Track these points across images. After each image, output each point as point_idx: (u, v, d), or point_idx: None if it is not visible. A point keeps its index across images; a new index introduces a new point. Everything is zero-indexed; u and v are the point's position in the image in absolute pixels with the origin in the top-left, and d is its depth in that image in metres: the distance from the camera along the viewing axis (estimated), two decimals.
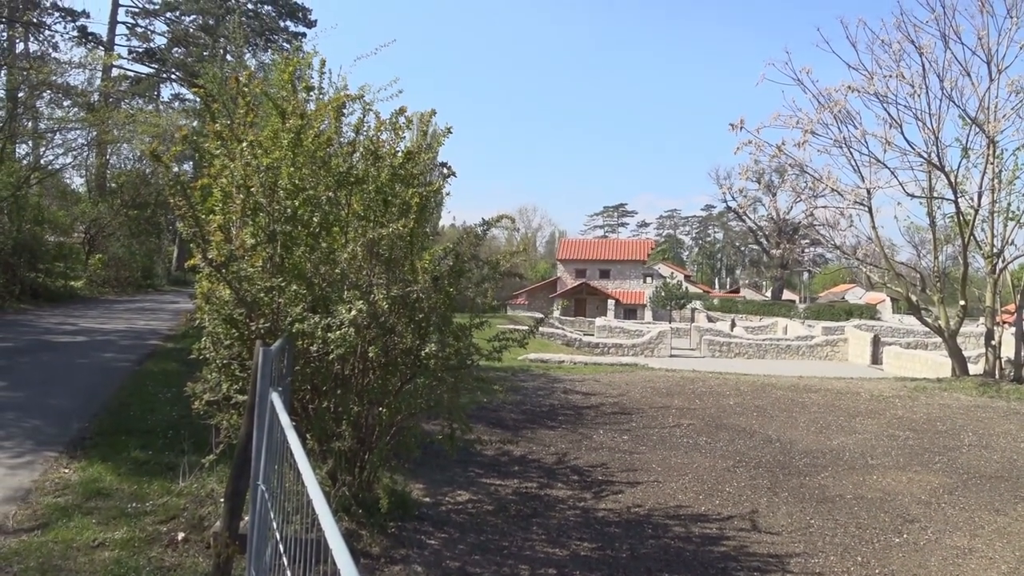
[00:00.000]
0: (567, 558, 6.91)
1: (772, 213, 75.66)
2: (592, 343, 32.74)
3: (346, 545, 2.05)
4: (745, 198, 67.23)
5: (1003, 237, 21.06)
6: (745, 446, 11.76)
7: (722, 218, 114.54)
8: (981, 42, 19.91)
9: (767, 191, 70.54)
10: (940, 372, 23.23)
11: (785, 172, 23.57)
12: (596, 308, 65.76)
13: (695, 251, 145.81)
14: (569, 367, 21.10)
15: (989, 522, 8.55)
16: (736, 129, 21.40)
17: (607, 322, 43.52)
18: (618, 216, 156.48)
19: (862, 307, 68.31)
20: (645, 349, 31.91)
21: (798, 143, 21.40)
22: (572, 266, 72.04)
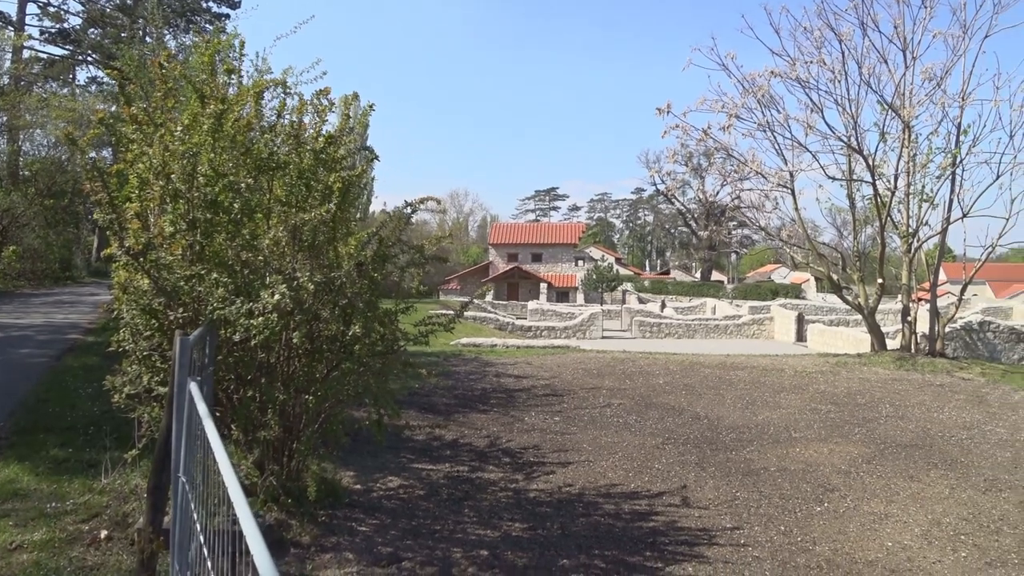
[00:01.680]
0: (499, 539, 6.97)
1: (700, 196, 77.10)
2: (525, 326, 32.87)
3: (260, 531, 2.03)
4: (673, 181, 68.32)
5: (918, 218, 21.85)
6: (674, 423, 12.00)
7: (652, 201, 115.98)
8: (897, 30, 20.59)
9: (695, 174, 71.85)
10: (860, 348, 24.05)
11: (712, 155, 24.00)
12: (529, 292, 66.02)
13: (626, 234, 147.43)
14: (501, 351, 21.18)
15: (904, 488, 8.92)
16: (663, 113, 21.70)
17: (539, 305, 43.71)
18: (550, 200, 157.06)
19: (787, 287, 70.12)
20: (577, 331, 32.19)
21: (723, 127, 21.82)
22: (504, 250, 72.10)
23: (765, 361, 19.88)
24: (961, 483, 9.19)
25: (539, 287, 65.95)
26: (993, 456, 10.49)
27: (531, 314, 40.87)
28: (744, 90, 21.48)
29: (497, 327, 32.27)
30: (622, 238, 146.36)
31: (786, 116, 21.65)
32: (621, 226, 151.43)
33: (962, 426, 12.29)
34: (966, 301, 34.80)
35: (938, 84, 20.54)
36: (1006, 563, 6.81)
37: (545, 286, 66.18)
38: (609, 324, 39.04)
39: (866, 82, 20.83)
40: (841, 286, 24.65)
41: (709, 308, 47.24)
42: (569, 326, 32.59)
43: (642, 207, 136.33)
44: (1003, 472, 9.72)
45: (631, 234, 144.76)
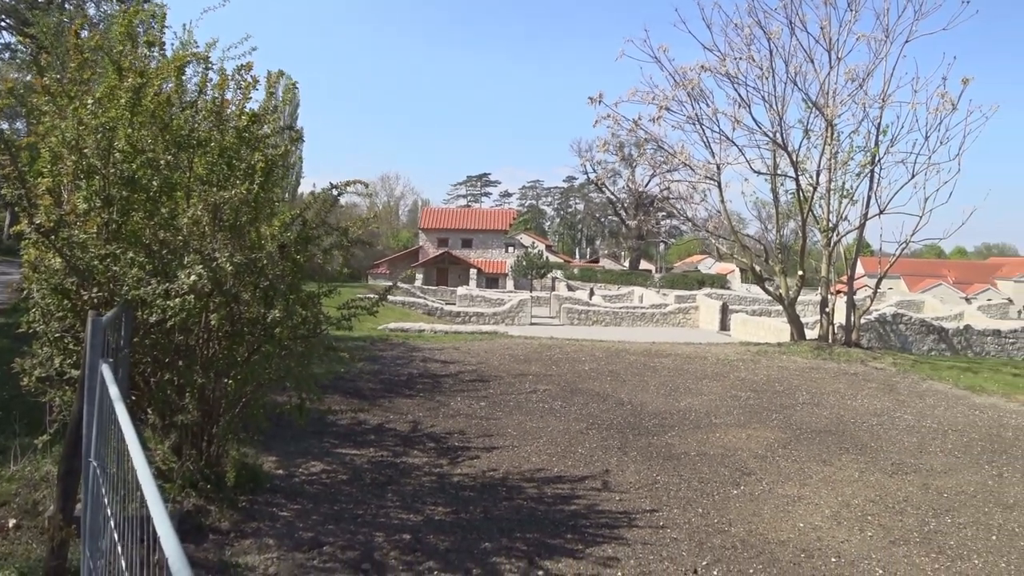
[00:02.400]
0: (421, 523, 6.98)
1: (630, 185, 77.99)
2: (454, 312, 32.82)
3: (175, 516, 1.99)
4: (604, 170, 69.23)
5: (838, 213, 22.59)
6: (598, 409, 12.17)
7: (583, 189, 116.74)
8: (824, 31, 21.09)
9: (626, 164, 72.65)
10: (781, 337, 24.77)
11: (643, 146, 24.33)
12: (458, 277, 65.89)
13: (556, 222, 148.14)
14: (429, 336, 21.12)
15: (817, 472, 9.25)
16: (595, 103, 21.84)
17: (469, 291, 43.71)
18: (481, 186, 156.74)
19: (713, 277, 71.63)
20: (506, 318, 32.29)
21: (654, 118, 22.07)
22: (434, 235, 71.74)
23: (689, 349, 20.29)
24: (870, 467, 9.57)
25: (469, 273, 65.86)
26: (900, 441, 10.95)
27: (460, 300, 40.85)
28: (675, 83, 21.77)
29: (426, 312, 32.15)
30: (553, 226, 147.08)
31: (715, 110, 22.04)
32: (552, 214, 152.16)
33: (873, 413, 12.79)
34: (881, 294, 36.24)
35: (860, 85, 21.21)
36: (908, 541, 7.13)
37: (475, 272, 66.13)
38: (538, 311, 39.27)
39: (792, 80, 21.36)
40: (764, 277, 25.31)
41: (637, 296, 47.91)
42: (498, 312, 32.67)
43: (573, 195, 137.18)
44: (909, 456, 10.16)
45: (562, 222, 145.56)
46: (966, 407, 13.71)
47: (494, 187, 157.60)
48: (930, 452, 10.45)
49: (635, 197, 78.69)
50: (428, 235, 72.05)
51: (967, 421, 12.50)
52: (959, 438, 11.31)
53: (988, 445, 10.95)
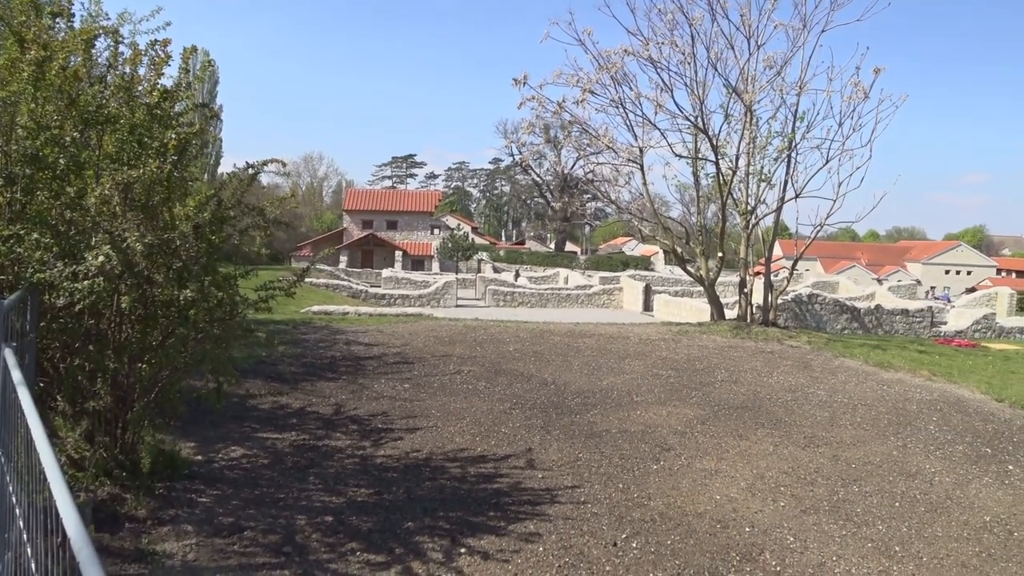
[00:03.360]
0: (344, 505, 6.94)
1: (556, 168, 78.32)
2: (379, 294, 32.55)
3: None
4: (530, 152, 69.31)
5: (756, 196, 23.22)
6: (522, 389, 12.27)
7: (509, 171, 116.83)
8: (744, 19, 21.51)
9: (551, 146, 72.86)
10: (702, 317, 25.35)
11: (568, 128, 24.41)
12: (383, 259, 65.28)
13: (482, 203, 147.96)
14: (353, 318, 20.90)
15: (733, 447, 9.54)
16: (520, 85, 21.81)
17: (394, 273, 43.41)
18: (407, 167, 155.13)
19: (637, 258, 72.79)
20: (432, 300, 32.19)
21: (578, 101, 22.18)
22: (359, 217, 70.84)
23: (612, 329, 20.58)
24: (784, 440, 9.92)
25: (394, 255, 65.32)
26: (813, 416, 11.37)
27: (385, 282, 40.53)
28: (599, 66, 21.90)
29: (350, 295, 31.80)
30: (479, 207, 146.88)
31: (638, 94, 22.29)
32: (478, 195, 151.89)
33: (788, 389, 13.22)
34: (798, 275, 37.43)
35: (778, 72, 21.76)
36: (818, 510, 7.45)
37: (400, 254, 65.63)
38: (464, 293, 39.26)
39: (713, 66, 21.76)
40: (685, 259, 25.81)
41: (562, 278, 48.32)
42: (423, 294, 32.55)
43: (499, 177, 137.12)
44: (821, 430, 10.56)
45: (488, 204, 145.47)
46: (875, 383, 14.29)
47: (420, 168, 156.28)
48: (841, 425, 10.88)
49: (560, 179, 79.14)
50: (353, 217, 71.12)
51: (876, 396, 13.04)
52: (868, 412, 11.80)
53: (894, 418, 11.47)
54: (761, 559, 6.26)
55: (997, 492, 8.35)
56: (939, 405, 12.52)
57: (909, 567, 6.29)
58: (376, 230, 69.47)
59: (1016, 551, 6.75)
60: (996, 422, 11.60)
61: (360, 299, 31.22)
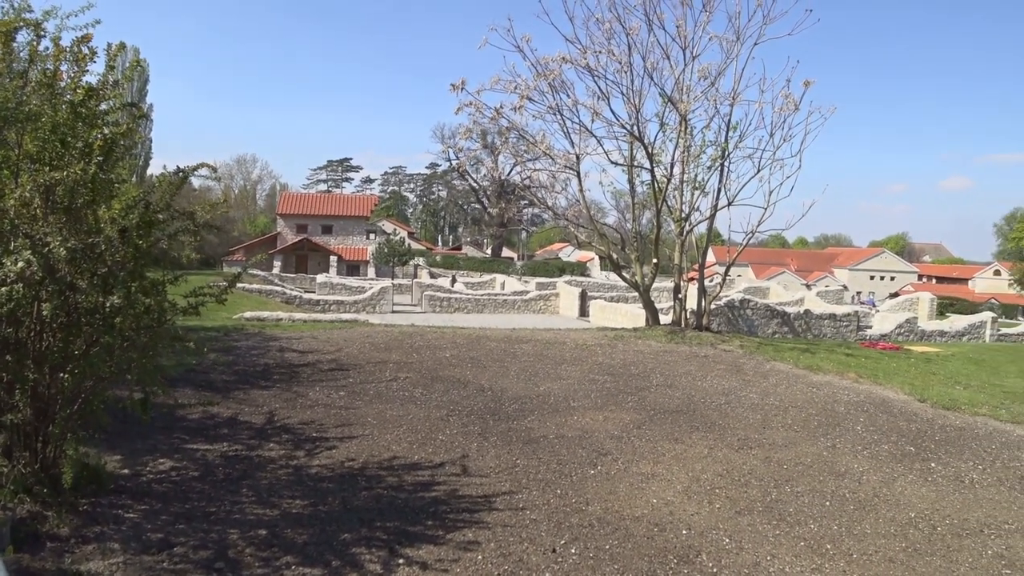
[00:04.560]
0: (278, 517, 6.77)
1: (493, 173, 78.34)
2: (313, 300, 32.03)
3: None
4: (467, 157, 69.09)
5: (690, 204, 23.63)
6: (459, 396, 12.20)
7: (446, 176, 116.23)
8: (680, 30, 21.84)
9: (488, 152, 72.85)
10: (637, 322, 25.61)
11: (505, 134, 24.44)
12: (318, 264, 64.44)
13: (419, 208, 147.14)
14: (287, 325, 20.52)
15: (669, 450, 9.63)
16: (458, 90, 21.75)
17: (329, 278, 42.78)
18: (342, 171, 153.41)
19: (573, 264, 73.28)
20: (367, 305, 31.83)
21: (515, 107, 22.19)
22: (293, 221, 69.75)
23: (549, 335, 20.64)
24: (718, 443, 10.06)
25: (329, 260, 64.57)
26: (746, 419, 11.57)
27: (320, 287, 39.96)
28: (537, 73, 21.97)
29: (284, 300, 31.23)
30: (415, 212, 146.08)
31: (575, 101, 22.44)
32: (415, 200, 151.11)
33: (721, 392, 13.44)
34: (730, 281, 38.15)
35: (712, 83, 22.17)
36: (752, 511, 7.57)
37: (335, 259, 64.92)
38: (400, 298, 38.98)
39: (649, 75, 22.02)
40: (621, 265, 26.08)
41: (499, 284, 48.36)
42: (359, 300, 32.18)
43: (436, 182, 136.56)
44: (753, 432, 10.75)
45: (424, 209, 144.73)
46: (805, 385, 14.63)
47: (356, 172, 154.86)
48: (773, 427, 11.10)
49: (497, 185, 79.17)
50: (287, 221, 69.99)
51: (805, 398, 13.34)
52: (798, 414, 12.07)
53: (824, 420, 11.75)
54: (698, 561, 6.32)
55: (921, 489, 8.61)
56: (866, 406, 12.87)
57: (840, 564, 6.42)
58: (311, 235, 68.54)
59: (939, 545, 6.97)
60: (919, 422, 11.98)
61: (294, 305, 30.68)
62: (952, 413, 12.91)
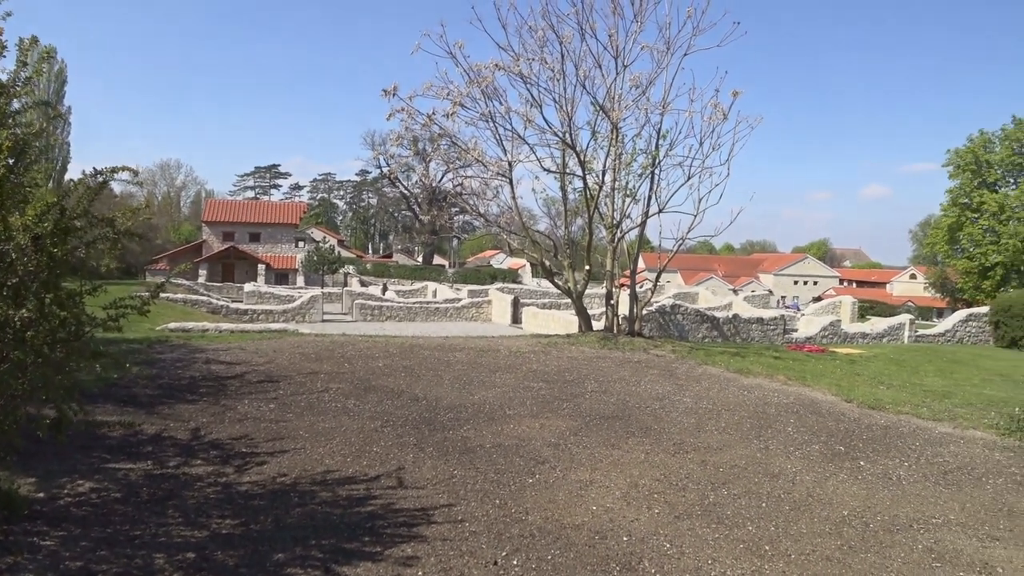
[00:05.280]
0: (207, 539, 6.47)
1: (424, 180, 77.92)
2: (241, 310, 31.23)
3: None
4: (398, 164, 68.72)
5: (621, 211, 23.88)
6: (393, 406, 11.98)
7: (376, 184, 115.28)
8: (612, 39, 22.02)
9: (420, 159, 72.44)
10: (570, 329, 25.70)
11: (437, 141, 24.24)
12: (246, 273, 63.03)
13: (349, 216, 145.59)
14: (214, 336, 19.93)
15: (606, 456, 9.61)
16: (389, 95, 21.47)
17: (257, 287, 41.83)
18: (270, 177, 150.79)
19: (505, 271, 73.46)
20: (297, 315, 31.21)
21: (448, 114, 22.02)
22: (220, 228, 68.16)
23: (482, 342, 20.54)
24: (655, 448, 10.09)
25: (257, 268, 63.25)
26: (680, 423, 11.65)
27: (247, 296, 39.02)
28: (470, 80, 21.86)
29: (210, 311, 30.36)
30: (345, 220, 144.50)
31: (508, 108, 22.38)
32: (345, 208, 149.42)
33: (656, 397, 13.52)
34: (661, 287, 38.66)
35: (643, 92, 22.40)
36: (691, 515, 7.58)
37: (263, 267, 63.65)
38: (330, 307, 38.36)
39: (582, 84, 22.13)
40: (553, 272, 26.14)
41: (430, 291, 48.04)
42: (288, 309, 31.53)
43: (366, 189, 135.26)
44: (688, 436, 10.83)
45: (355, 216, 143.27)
46: (736, 388, 14.85)
47: (284, 179, 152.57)
48: (707, 431, 11.20)
49: (429, 192, 78.79)
50: (213, 228, 68.35)
51: (737, 401, 13.53)
52: (731, 417, 12.22)
53: (756, 422, 11.92)
54: (641, 568, 6.27)
55: (852, 487, 8.79)
56: (796, 408, 13.12)
57: (779, 565, 6.47)
58: (238, 242, 67.09)
59: (873, 542, 7.10)
60: (847, 421, 12.27)
61: (221, 315, 29.87)
62: (877, 412, 13.27)
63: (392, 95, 21.38)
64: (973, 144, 56.42)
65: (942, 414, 13.30)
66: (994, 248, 52.55)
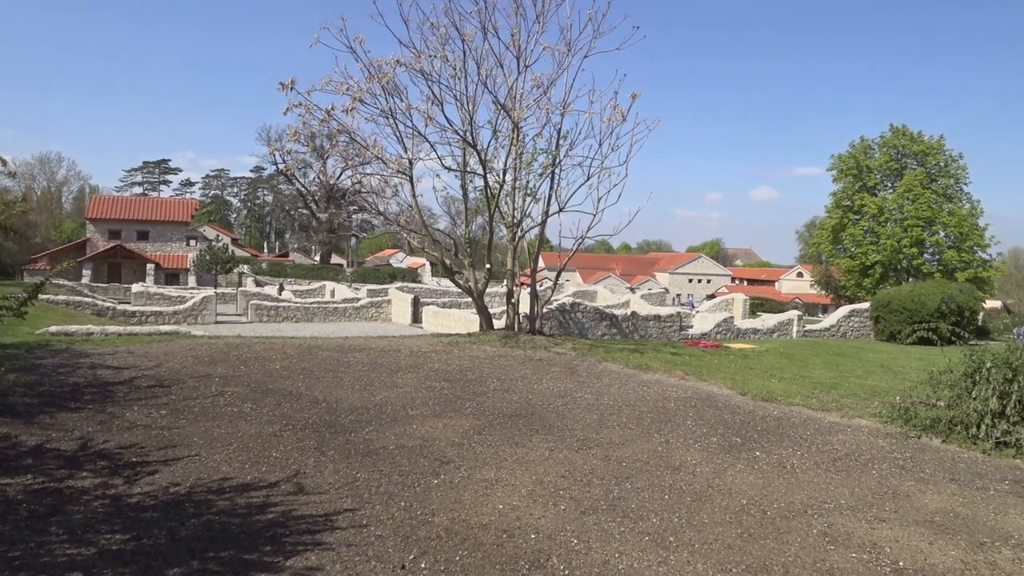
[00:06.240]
0: (95, 556, 6.11)
1: (322, 177, 76.53)
2: (129, 312, 29.90)
3: None
4: (295, 161, 67.15)
5: (522, 210, 24.03)
6: (292, 409, 11.66)
7: (272, 180, 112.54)
8: (514, 38, 22.13)
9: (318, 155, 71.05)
10: (471, 328, 25.70)
11: (335, 137, 23.77)
12: (134, 273, 60.55)
13: (244, 214, 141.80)
14: (99, 339, 18.96)
15: (511, 454, 9.62)
16: (287, 89, 20.90)
17: (146, 288, 40.21)
18: (160, 173, 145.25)
19: (405, 271, 73.02)
20: (189, 316, 30.12)
21: (347, 109, 21.61)
22: (105, 226, 65.18)
23: (383, 343, 20.28)
24: (558, 445, 10.16)
25: (146, 268, 60.87)
26: (583, 419, 11.79)
27: (136, 298, 37.45)
28: (370, 75, 21.51)
29: (95, 313, 28.95)
30: (240, 218, 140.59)
31: (408, 105, 22.16)
32: (239, 205, 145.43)
33: (558, 395, 13.64)
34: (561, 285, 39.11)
35: (545, 92, 22.61)
36: (597, 510, 7.66)
37: (152, 267, 61.31)
38: (224, 308, 37.24)
39: (483, 82, 22.15)
40: (454, 271, 26.08)
41: (329, 291, 47.26)
42: (179, 311, 30.40)
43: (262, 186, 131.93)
44: (591, 432, 10.96)
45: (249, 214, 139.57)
46: (636, 384, 15.14)
47: (175, 175, 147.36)
48: (609, 427, 11.36)
49: (326, 190, 77.49)
50: (98, 226, 65.30)
51: (638, 396, 13.80)
52: (632, 412, 12.44)
53: (656, 416, 12.18)
54: (549, 564, 6.28)
55: (749, 477, 9.08)
56: (693, 402, 13.49)
57: (684, 555, 6.60)
58: (125, 241, 64.35)
59: (771, 528, 7.35)
60: (742, 414, 12.69)
61: (107, 317, 28.52)
62: (770, 404, 13.78)
63: (289, 89, 20.85)
64: (855, 150, 59.35)
65: (830, 404, 13.92)
66: (873, 248, 55.44)
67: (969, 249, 53.96)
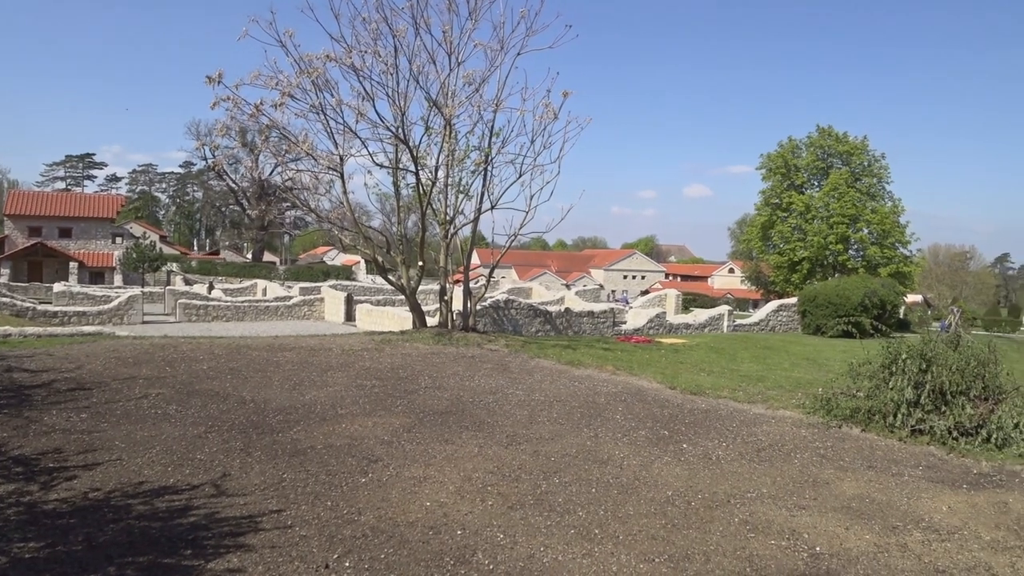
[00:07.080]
0: (7, 566, 5.92)
1: (253, 173, 75.15)
2: (50, 312, 28.89)
3: None
4: (224, 156, 65.87)
5: (455, 207, 24.04)
6: (218, 410, 11.48)
7: (201, 176, 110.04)
8: (446, 35, 22.02)
9: (248, 151, 69.84)
10: (404, 326, 25.59)
11: (266, 133, 23.34)
12: (55, 272, 58.55)
13: (172, 210, 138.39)
14: (17, 341, 18.32)
15: (440, 451, 9.65)
16: (214, 83, 20.43)
17: (68, 287, 38.85)
18: (84, 168, 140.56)
19: (339, 268, 72.26)
20: (114, 316, 29.25)
21: (276, 104, 21.26)
22: (25, 223, 62.85)
23: (314, 341, 20.08)
24: (488, 441, 10.24)
25: (68, 267, 58.87)
26: (514, 415, 11.88)
27: (57, 297, 36.17)
28: (300, 70, 21.20)
29: (14, 314, 27.91)
30: (168, 214, 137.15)
31: (339, 101, 21.93)
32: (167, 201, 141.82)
33: (489, 391, 13.71)
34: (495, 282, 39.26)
35: (477, 89, 22.62)
36: (524, 505, 7.76)
37: (75, 266, 59.35)
38: (151, 308, 36.29)
39: (415, 78, 22.08)
40: (387, 268, 25.95)
41: (260, 289, 46.44)
42: (104, 311, 29.51)
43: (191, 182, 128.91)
44: (521, 428, 11.06)
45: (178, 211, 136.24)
46: (568, 380, 15.32)
47: (100, 170, 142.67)
48: (539, 422, 11.48)
49: (258, 186, 76.09)
50: (16, 223, 62.91)
51: (569, 392, 13.96)
52: (563, 407, 12.59)
53: (586, 411, 12.35)
54: (474, 560, 6.34)
55: (676, 469, 9.30)
56: (623, 396, 13.71)
57: (608, 547, 6.73)
58: (46, 238, 62.16)
59: (694, 519, 7.55)
60: (671, 407, 12.96)
61: (27, 318, 27.51)
62: (698, 397, 14.10)
63: (217, 83, 20.39)
64: (783, 149, 60.81)
65: (756, 397, 14.31)
66: (801, 244, 56.94)
67: (891, 245, 55.83)
